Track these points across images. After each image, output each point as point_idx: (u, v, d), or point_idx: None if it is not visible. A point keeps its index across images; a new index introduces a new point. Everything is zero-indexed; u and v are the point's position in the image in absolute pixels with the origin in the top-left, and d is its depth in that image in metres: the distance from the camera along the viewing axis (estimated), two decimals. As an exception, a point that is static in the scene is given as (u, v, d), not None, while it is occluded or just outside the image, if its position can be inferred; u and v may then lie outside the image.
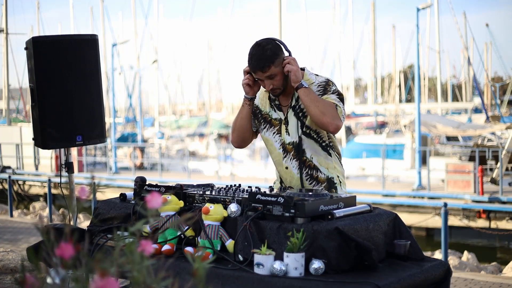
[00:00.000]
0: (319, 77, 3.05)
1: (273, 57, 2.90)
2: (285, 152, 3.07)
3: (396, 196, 14.50)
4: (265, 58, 2.89)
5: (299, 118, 3.01)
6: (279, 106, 3.08)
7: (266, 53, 2.90)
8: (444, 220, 8.65)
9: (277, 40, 2.99)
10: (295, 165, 3.04)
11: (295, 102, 3.03)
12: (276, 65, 2.91)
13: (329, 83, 3.00)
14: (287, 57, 2.95)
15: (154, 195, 1.22)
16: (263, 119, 3.14)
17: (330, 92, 2.96)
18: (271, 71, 2.91)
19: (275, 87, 2.96)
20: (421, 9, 15.76)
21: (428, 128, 17.67)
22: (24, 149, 20.96)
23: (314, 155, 3.03)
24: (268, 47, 2.92)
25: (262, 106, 3.15)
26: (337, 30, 32.61)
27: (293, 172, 3.05)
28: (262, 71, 2.91)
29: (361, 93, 49.40)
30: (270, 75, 2.92)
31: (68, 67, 3.87)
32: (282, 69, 2.93)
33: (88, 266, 1.14)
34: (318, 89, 2.97)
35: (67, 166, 4.15)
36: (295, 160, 3.04)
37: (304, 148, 3.03)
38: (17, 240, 9.13)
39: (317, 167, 3.03)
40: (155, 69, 36.10)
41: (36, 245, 2.84)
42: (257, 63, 2.91)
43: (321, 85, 2.98)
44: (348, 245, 2.21)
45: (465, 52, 28.65)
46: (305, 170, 3.04)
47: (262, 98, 3.16)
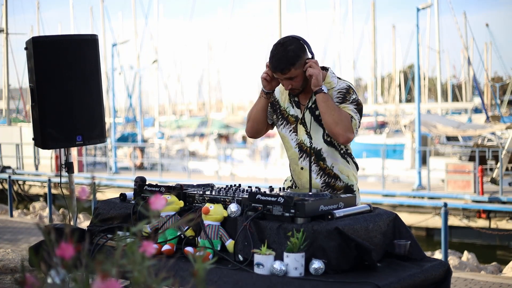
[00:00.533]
0: (341, 81, 2.98)
1: (294, 58, 2.83)
2: (301, 152, 3.00)
3: (396, 196, 14.50)
4: (286, 60, 2.82)
5: (319, 122, 2.93)
6: (298, 103, 3.01)
7: (288, 54, 2.82)
8: (444, 220, 8.65)
9: (301, 40, 2.91)
10: (314, 170, 2.97)
11: (314, 104, 2.94)
12: (296, 67, 2.83)
13: (350, 91, 2.91)
14: (309, 60, 2.86)
15: (158, 197, 1.22)
16: (281, 115, 3.07)
17: (349, 102, 2.88)
18: (291, 73, 2.84)
19: (294, 88, 2.90)
20: (421, 9, 15.76)
21: (428, 128, 17.67)
22: (24, 149, 20.96)
23: (334, 163, 2.97)
24: (291, 48, 2.84)
25: (281, 101, 3.08)
26: (337, 30, 32.64)
27: (312, 175, 2.98)
28: (282, 72, 2.85)
29: (361, 93, 49.38)
30: (290, 77, 2.86)
31: (68, 67, 3.87)
32: (303, 71, 2.86)
33: (89, 267, 1.14)
34: (338, 95, 2.90)
35: (67, 166, 4.15)
36: (315, 165, 2.97)
37: (325, 157, 2.96)
38: (17, 240, 9.13)
39: (337, 176, 2.97)
40: (155, 69, 36.10)
41: (37, 245, 2.84)
42: (277, 64, 2.84)
43: (341, 91, 2.90)
44: (348, 245, 2.21)
45: (465, 52, 28.67)
46: (324, 177, 2.97)
47: (283, 92, 3.08)
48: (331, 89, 2.92)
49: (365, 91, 46.12)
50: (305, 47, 2.89)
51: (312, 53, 2.90)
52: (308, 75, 2.84)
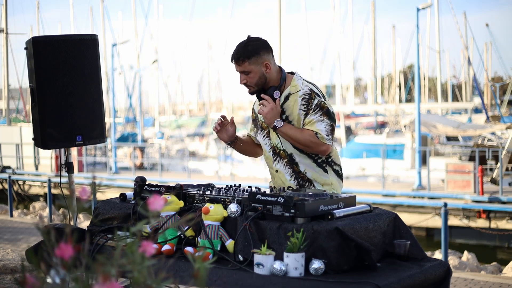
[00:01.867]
0: (306, 84, 3.05)
1: (251, 53, 2.94)
2: (275, 155, 3.08)
3: (396, 196, 14.50)
4: (242, 52, 2.94)
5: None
6: None
7: (247, 48, 2.95)
8: (444, 220, 8.65)
9: (267, 43, 3.01)
10: (288, 172, 3.05)
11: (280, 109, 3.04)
12: (251, 62, 2.94)
13: (313, 95, 2.98)
14: (263, 98, 2.97)
15: (156, 198, 1.22)
16: (260, 126, 3.18)
17: (312, 111, 2.95)
18: (245, 67, 2.95)
19: (248, 84, 3.00)
20: (421, 9, 15.76)
21: (428, 128, 17.66)
22: (24, 149, 20.96)
23: (308, 170, 3.03)
24: (252, 44, 2.97)
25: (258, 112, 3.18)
26: (337, 30, 32.60)
27: (286, 177, 3.05)
28: (236, 63, 2.97)
29: (361, 93, 49.36)
30: (244, 71, 2.96)
31: (68, 67, 3.87)
32: (260, 70, 2.96)
33: (88, 267, 1.14)
34: (302, 102, 2.98)
35: (67, 166, 4.15)
36: (288, 167, 3.05)
37: (297, 162, 3.04)
38: (17, 240, 9.13)
39: (311, 181, 3.03)
40: (155, 69, 36.09)
41: (35, 246, 2.84)
42: (235, 53, 2.97)
43: (304, 98, 2.98)
44: (348, 245, 2.21)
45: (465, 52, 28.67)
46: (298, 179, 3.03)
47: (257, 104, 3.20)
48: (296, 92, 3.00)
49: (365, 91, 46.11)
50: (269, 49, 3.00)
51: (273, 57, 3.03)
52: (258, 113, 2.99)
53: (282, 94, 3.03)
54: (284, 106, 3.02)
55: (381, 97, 39.02)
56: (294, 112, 2.99)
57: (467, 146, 19.52)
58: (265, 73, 2.98)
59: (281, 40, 21.70)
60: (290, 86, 3.03)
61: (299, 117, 2.98)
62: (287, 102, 3.02)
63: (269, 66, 2.99)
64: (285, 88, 3.04)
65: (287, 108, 3.01)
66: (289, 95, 3.02)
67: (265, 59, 2.97)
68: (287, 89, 3.04)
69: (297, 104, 2.98)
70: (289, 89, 3.03)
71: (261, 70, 2.97)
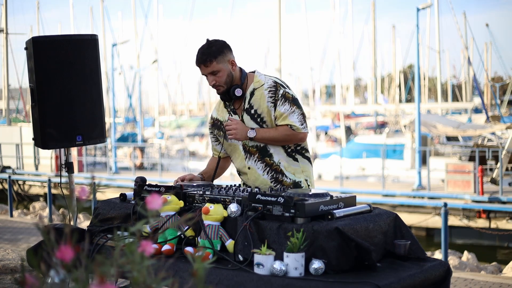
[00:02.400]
0: (268, 77, 3.14)
1: (216, 53, 3.01)
2: (246, 153, 3.13)
3: (396, 196, 14.49)
4: (208, 53, 3.00)
5: (258, 123, 3.08)
6: (234, 110, 3.17)
7: (211, 49, 3.02)
8: (444, 220, 8.65)
9: (226, 42, 3.10)
10: (260, 167, 3.10)
11: (248, 105, 3.10)
12: (219, 61, 3.01)
13: (278, 86, 3.07)
14: (229, 120, 3.06)
15: (154, 196, 1.22)
16: (224, 127, 3.19)
17: (280, 102, 3.03)
18: (213, 67, 3.02)
19: (217, 84, 3.06)
20: (421, 9, 15.75)
21: (428, 128, 17.66)
22: (24, 149, 20.95)
23: (281, 160, 3.10)
24: (214, 44, 3.04)
25: (220, 117, 3.25)
26: (337, 30, 32.61)
27: (258, 173, 3.11)
28: (204, 65, 3.02)
29: (361, 93, 49.35)
30: (213, 71, 3.03)
31: (68, 67, 3.87)
32: (227, 68, 3.04)
33: (88, 268, 1.14)
34: (270, 95, 3.06)
35: (67, 166, 4.15)
36: (260, 162, 3.10)
37: (271, 153, 3.10)
38: (17, 240, 9.13)
39: (283, 172, 3.10)
40: (155, 69, 36.08)
41: (35, 246, 2.84)
42: (200, 56, 3.03)
43: (271, 90, 3.06)
44: (348, 245, 2.21)
45: (465, 52, 28.65)
46: (271, 173, 3.10)
47: (219, 108, 3.27)
48: (261, 86, 3.08)
49: (365, 91, 46.09)
50: (230, 48, 3.10)
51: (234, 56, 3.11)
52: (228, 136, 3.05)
53: (247, 90, 3.10)
54: (252, 101, 3.09)
55: (382, 95, 38.95)
56: (262, 105, 3.07)
57: (467, 146, 19.51)
58: (231, 70, 3.06)
59: (281, 40, 21.69)
60: (254, 82, 3.12)
61: (268, 109, 3.05)
62: (253, 97, 3.09)
63: (234, 63, 3.09)
64: (248, 85, 3.12)
65: (255, 103, 3.09)
66: (254, 90, 3.10)
67: (230, 56, 3.07)
68: (251, 85, 3.12)
69: (264, 97, 3.06)
70: (252, 85, 3.11)
71: (228, 67, 3.05)
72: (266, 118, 3.06)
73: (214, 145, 3.36)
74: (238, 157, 3.20)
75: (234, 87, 3.07)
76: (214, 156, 3.38)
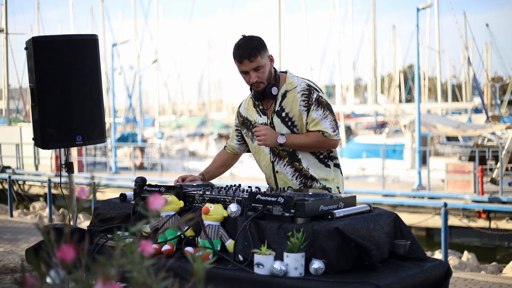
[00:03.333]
0: (301, 80, 3.05)
1: (260, 47, 2.92)
2: (275, 156, 3.04)
3: (396, 196, 14.49)
4: (252, 47, 2.90)
5: (289, 126, 2.99)
6: (264, 111, 3.07)
7: (253, 43, 2.92)
8: (444, 220, 8.65)
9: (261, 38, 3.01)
10: (289, 172, 3.02)
11: (279, 108, 3.01)
12: (262, 56, 2.92)
13: (311, 90, 2.98)
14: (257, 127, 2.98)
15: (156, 196, 1.22)
16: (253, 127, 3.11)
17: (313, 107, 2.94)
18: (258, 62, 2.91)
19: (260, 80, 2.95)
20: (421, 9, 15.76)
21: (428, 128, 17.66)
22: (24, 149, 20.96)
23: (310, 166, 3.01)
24: (255, 39, 2.95)
25: (249, 116, 3.15)
26: (337, 30, 32.60)
27: (287, 177, 3.03)
28: (249, 59, 2.90)
29: (361, 93, 49.35)
30: (257, 67, 2.92)
31: (68, 67, 3.87)
32: (269, 63, 2.95)
33: (89, 268, 1.14)
34: (302, 98, 2.96)
35: (67, 166, 4.15)
36: (289, 166, 3.02)
37: (300, 158, 3.01)
38: (17, 240, 9.13)
39: (314, 178, 3.01)
40: (155, 69, 36.07)
41: (35, 246, 2.84)
42: (244, 51, 2.90)
43: (304, 93, 2.97)
44: (348, 245, 2.21)
45: (465, 52, 28.65)
46: (300, 178, 3.02)
47: (248, 107, 3.17)
48: (294, 89, 2.99)
49: (365, 91, 46.09)
50: (265, 44, 2.99)
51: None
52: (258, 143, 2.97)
53: (279, 92, 3.01)
54: (283, 103, 3.00)
55: (382, 95, 38.95)
56: (294, 109, 2.97)
57: (467, 146, 19.51)
58: (271, 66, 2.98)
59: (281, 40, 21.69)
60: (286, 84, 3.02)
61: (300, 113, 2.96)
62: (285, 100, 3.00)
63: (273, 59, 3.00)
64: (280, 86, 3.03)
65: (286, 105, 2.99)
66: (286, 92, 3.01)
67: (269, 53, 2.98)
68: (283, 86, 3.02)
69: (297, 100, 2.97)
70: (285, 87, 3.02)
71: (269, 64, 2.97)
72: (297, 122, 2.97)
73: (235, 142, 3.26)
74: (263, 159, 3.11)
75: (270, 85, 2.96)
76: (227, 151, 3.31)
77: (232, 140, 3.30)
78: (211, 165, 3.33)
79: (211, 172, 3.29)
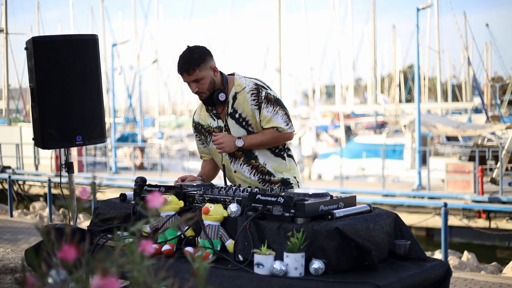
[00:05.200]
0: (248, 80, 3.14)
1: (199, 61, 3.00)
2: (231, 157, 3.14)
3: (396, 196, 14.49)
4: (190, 61, 2.99)
5: (244, 127, 3.09)
6: (217, 115, 3.17)
7: (193, 56, 3.00)
8: (444, 220, 8.65)
9: (206, 48, 3.08)
10: (246, 170, 3.12)
11: (232, 110, 3.10)
12: (201, 69, 3.00)
13: (259, 88, 3.08)
14: (215, 135, 3.06)
15: (155, 195, 1.22)
16: (207, 132, 3.22)
17: (263, 105, 3.04)
18: (196, 75, 3.00)
19: (200, 91, 3.05)
20: (421, 9, 15.76)
21: (428, 128, 17.66)
22: (24, 149, 20.95)
23: (267, 161, 3.12)
24: (196, 51, 3.02)
25: (202, 121, 3.25)
26: (337, 30, 32.61)
27: (245, 175, 3.12)
28: (187, 73, 3.01)
29: (361, 93, 49.34)
30: (196, 79, 3.02)
31: (68, 67, 3.86)
32: (210, 74, 3.03)
33: (89, 267, 1.14)
34: (252, 97, 3.06)
35: (67, 166, 4.15)
36: (245, 165, 3.12)
37: (256, 155, 3.12)
38: (17, 240, 9.13)
39: (270, 173, 3.12)
40: (155, 69, 36.07)
41: (35, 246, 2.84)
42: (183, 65, 3.01)
43: (253, 93, 3.07)
44: (348, 245, 2.21)
45: (465, 52, 28.64)
46: (258, 174, 3.12)
47: (201, 113, 3.27)
48: (243, 90, 3.09)
49: (365, 91, 46.08)
50: (211, 54, 3.08)
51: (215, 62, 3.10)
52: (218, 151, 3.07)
53: (229, 94, 3.10)
54: (235, 105, 3.09)
55: (382, 95, 38.95)
56: (246, 109, 3.07)
57: (467, 146, 19.51)
58: (213, 77, 3.05)
59: (281, 40, 21.69)
60: (235, 86, 3.11)
61: (253, 112, 3.06)
62: (236, 101, 3.10)
63: (216, 70, 3.08)
64: (229, 89, 3.12)
65: (238, 107, 3.09)
66: (236, 94, 3.10)
67: (211, 63, 3.05)
68: (232, 89, 3.11)
69: (247, 100, 3.07)
70: (234, 89, 3.11)
71: (210, 74, 3.04)
72: (251, 121, 3.07)
73: (201, 148, 3.36)
74: (221, 160, 3.21)
75: (218, 91, 3.06)
76: (205, 159, 3.39)
77: (198, 147, 3.40)
78: (202, 170, 3.40)
79: (206, 174, 3.36)
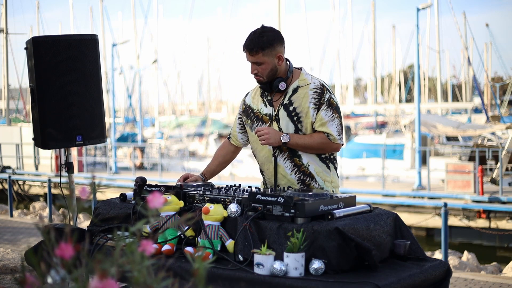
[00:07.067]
0: (314, 78, 3.04)
1: (265, 44, 2.90)
2: (275, 148, 3.02)
3: (396, 196, 14.49)
4: (257, 43, 2.90)
5: (294, 122, 2.98)
6: (270, 102, 3.06)
7: (262, 38, 2.91)
8: (444, 220, 8.65)
9: (280, 34, 2.97)
10: (288, 166, 3.00)
11: (288, 101, 3.00)
12: (266, 53, 2.91)
13: (324, 90, 2.98)
14: (260, 128, 2.94)
15: (155, 195, 1.22)
16: (255, 117, 3.11)
17: (324, 107, 2.94)
18: (258, 58, 2.92)
19: (259, 74, 2.96)
20: (421, 9, 15.75)
21: (428, 128, 17.66)
22: (24, 149, 20.95)
23: (311, 163, 3.00)
24: (267, 35, 2.92)
25: (254, 104, 3.14)
26: (337, 30, 32.61)
27: (286, 171, 3.01)
28: (250, 53, 2.93)
29: (361, 93, 49.36)
30: (257, 62, 2.93)
31: (68, 67, 3.87)
32: (273, 61, 2.93)
33: (88, 267, 1.14)
34: (314, 96, 2.96)
35: (67, 166, 4.15)
36: (289, 161, 3.00)
37: (300, 154, 3.00)
38: (17, 240, 9.13)
39: (313, 176, 3.00)
40: (155, 69, 36.07)
41: (35, 246, 2.84)
42: (249, 43, 2.92)
43: (317, 92, 2.97)
44: (348, 245, 2.21)
45: (465, 52, 28.64)
46: (299, 174, 3.00)
47: (254, 96, 3.16)
48: (306, 85, 2.99)
49: (365, 91, 46.09)
50: (282, 40, 2.97)
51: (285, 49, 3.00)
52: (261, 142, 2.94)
53: (290, 86, 3.01)
54: (292, 98, 2.99)
55: (381, 96, 38.97)
56: (303, 105, 2.96)
57: (467, 146, 19.51)
58: (277, 65, 2.96)
59: (281, 40, 21.64)
60: (299, 80, 3.01)
61: (309, 110, 2.95)
62: (295, 95, 2.99)
63: (281, 58, 2.97)
64: (292, 81, 3.02)
65: (296, 100, 2.98)
66: (298, 88, 3.00)
67: (278, 50, 2.95)
68: (295, 82, 3.01)
69: (307, 97, 2.96)
70: (297, 82, 3.01)
71: (274, 61, 2.94)
72: (303, 118, 2.96)
73: (237, 131, 3.25)
74: (262, 149, 3.08)
75: (279, 79, 2.97)
76: (231, 142, 3.28)
77: (234, 129, 3.29)
78: (212, 162, 3.32)
79: (211, 169, 3.28)
